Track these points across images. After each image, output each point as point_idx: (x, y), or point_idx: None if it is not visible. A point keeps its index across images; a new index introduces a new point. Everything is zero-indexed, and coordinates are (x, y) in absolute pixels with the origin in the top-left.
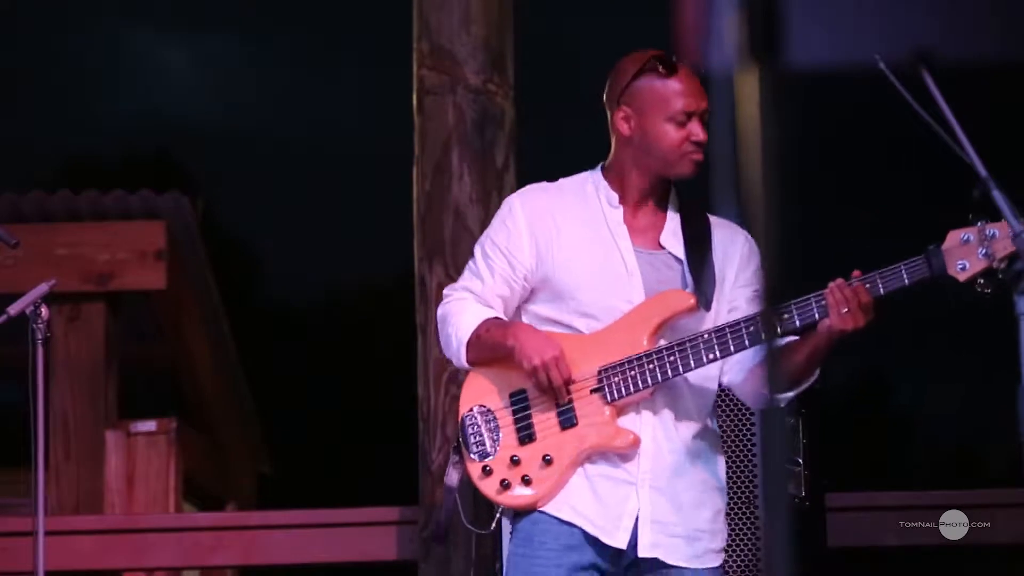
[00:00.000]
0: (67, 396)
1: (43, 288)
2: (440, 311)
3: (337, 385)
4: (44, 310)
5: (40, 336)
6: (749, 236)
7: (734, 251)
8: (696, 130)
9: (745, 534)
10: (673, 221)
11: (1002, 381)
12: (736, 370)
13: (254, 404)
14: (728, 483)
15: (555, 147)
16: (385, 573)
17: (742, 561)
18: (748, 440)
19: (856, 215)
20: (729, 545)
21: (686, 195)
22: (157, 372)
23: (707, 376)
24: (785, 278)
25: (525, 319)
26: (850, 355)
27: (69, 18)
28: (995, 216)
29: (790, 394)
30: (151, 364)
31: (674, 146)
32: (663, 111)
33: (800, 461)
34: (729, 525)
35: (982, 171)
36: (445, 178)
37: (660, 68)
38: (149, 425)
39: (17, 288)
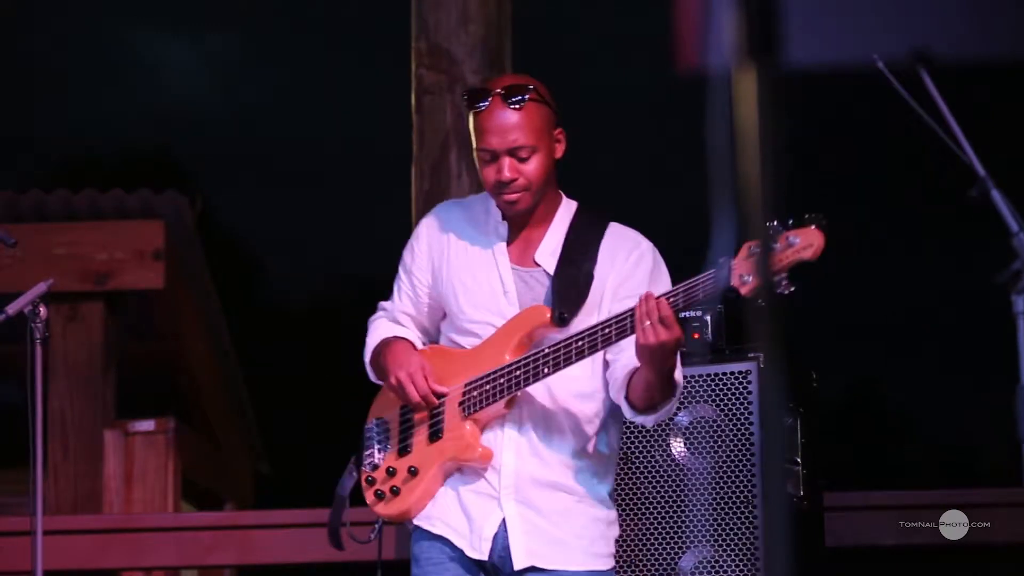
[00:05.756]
0: (65, 395)
1: (41, 288)
2: (368, 328)
3: (335, 385)
4: (42, 310)
5: (38, 336)
6: (641, 244)
7: (617, 262)
8: (501, 168)
9: (744, 534)
10: (555, 236)
11: (1001, 381)
12: (611, 387)
13: (252, 404)
14: (727, 483)
15: None
16: (382, 573)
17: (741, 561)
18: (747, 440)
19: (854, 214)
20: (728, 545)
21: (586, 204)
22: (155, 372)
23: (578, 392)
24: (781, 278)
25: (441, 339)
26: (848, 357)
27: (68, 16)
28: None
29: (650, 417)
30: (149, 364)
31: (486, 184)
32: (474, 147)
33: (799, 461)
34: (729, 525)
35: (980, 170)
36: (443, 177)
37: (469, 104)
38: (147, 425)
39: (15, 288)
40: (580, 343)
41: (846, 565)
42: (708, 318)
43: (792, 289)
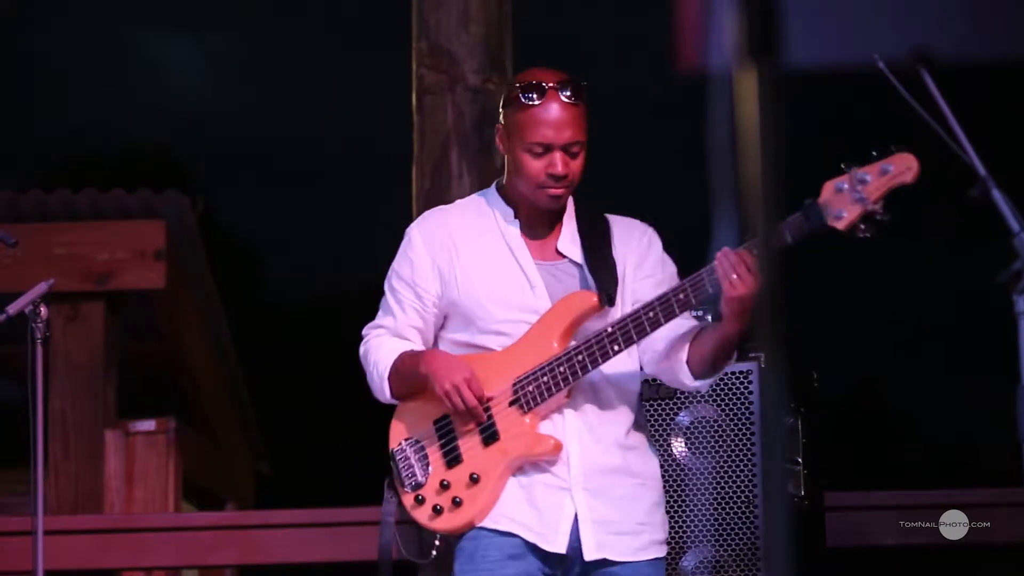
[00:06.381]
0: (66, 395)
1: (42, 287)
2: (361, 351)
3: (336, 385)
4: (43, 309)
5: (39, 335)
6: (648, 228)
7: (632, 245)
8: (555, 162)
9: (745, 534)
10: (569, 227)
11: (1001, 381)
12: (650, 359)
13: (253, 404)
14: (728, 483)
15: None
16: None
17: (742, 561)
18: (747, 440)
19: None
20: (729, 545)
21: (581, 197)
22: (156, 372)
23: (626, 372)
24: (783, 278)
25: (442, 346)
26: (850, 356)
27: (68, 16)
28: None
29: (707, 381)
30: (150, 364)
31: (531, 177)
32: (522, 140)
33: (800, 461)
34: (729, 525)
35: (981, 170)
36: (444, 177)
37: (524, 97)
38: (148, 424)
39: (16, 288)
40: (652, 313)
41: (846, 565)
42: (709, 318)
43: (887, 218)
